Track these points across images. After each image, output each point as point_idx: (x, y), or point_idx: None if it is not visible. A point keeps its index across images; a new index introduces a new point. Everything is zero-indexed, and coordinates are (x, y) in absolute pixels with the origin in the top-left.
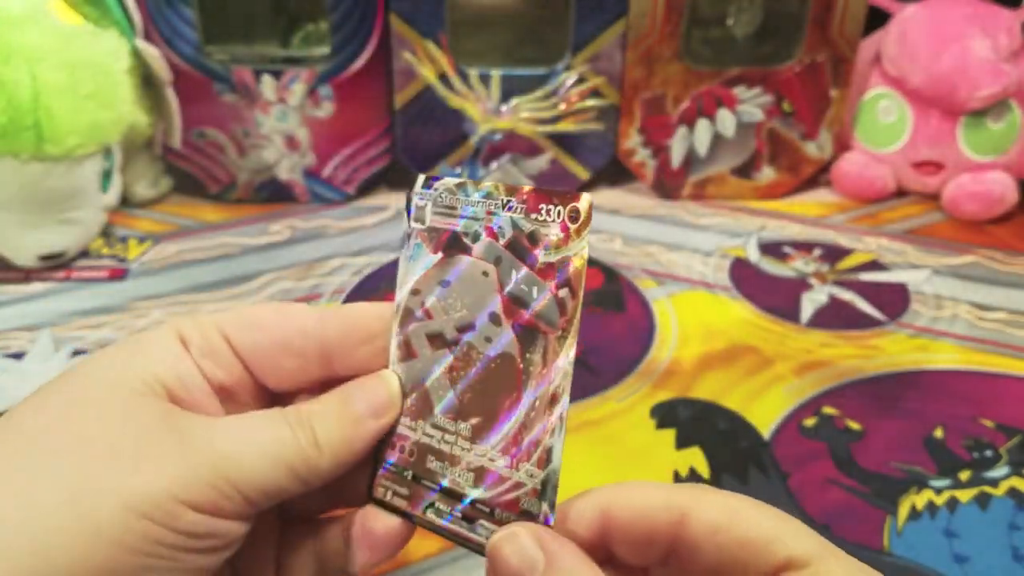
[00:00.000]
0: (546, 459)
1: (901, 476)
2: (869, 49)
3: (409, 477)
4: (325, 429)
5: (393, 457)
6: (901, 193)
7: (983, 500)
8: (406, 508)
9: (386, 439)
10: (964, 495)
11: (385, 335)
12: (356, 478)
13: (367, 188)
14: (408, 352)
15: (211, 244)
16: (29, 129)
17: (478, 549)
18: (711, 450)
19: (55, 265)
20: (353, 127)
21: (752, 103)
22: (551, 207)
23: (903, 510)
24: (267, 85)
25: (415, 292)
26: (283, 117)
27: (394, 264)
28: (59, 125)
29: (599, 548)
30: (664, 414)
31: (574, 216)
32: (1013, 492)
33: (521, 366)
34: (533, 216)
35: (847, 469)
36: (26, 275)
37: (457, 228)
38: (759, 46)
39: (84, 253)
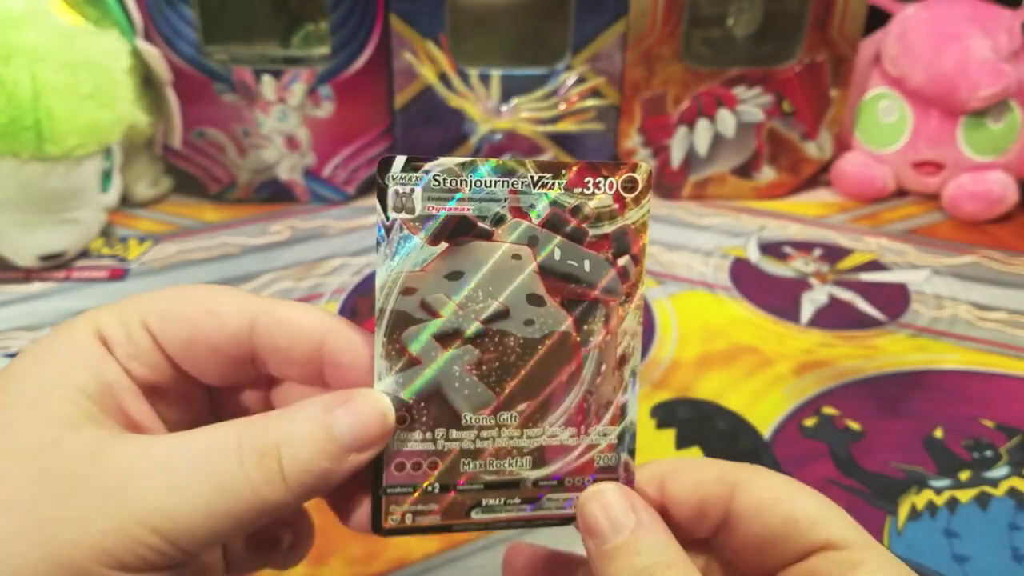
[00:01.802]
0: (620, 415)
1: (901, 476)
2: (869, 49)
3: (435, 491)
4: (295, 461)
5: (405, 479)
6: (901, 193)
7: (983, 500)
8: (439, 523)
9: (387, 462)
10: (964, 495)
11: (321, 345)
12: None
13: (367, 188)
14: (405, 359)
15: (211, 244)
16: (29, 129)
17: (555, 521)
18: (711, 450)
19: (55, 265)
20: (353, 127)
21: (752, 103)
22: (599, 179)
23: (903, 510)
24: (267, 85)
25: (407, 292)
26: (283, 117)
27: None
28: (59, 125)
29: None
30: (664, 414)
31: (629, 186)
32: (1013, 492)
33: (578, 339)
34: (576, 191)
35: (847, 469)
36: (26, 275)
37: (467, 212)
38: (759, 46)
39: (84, 253)
